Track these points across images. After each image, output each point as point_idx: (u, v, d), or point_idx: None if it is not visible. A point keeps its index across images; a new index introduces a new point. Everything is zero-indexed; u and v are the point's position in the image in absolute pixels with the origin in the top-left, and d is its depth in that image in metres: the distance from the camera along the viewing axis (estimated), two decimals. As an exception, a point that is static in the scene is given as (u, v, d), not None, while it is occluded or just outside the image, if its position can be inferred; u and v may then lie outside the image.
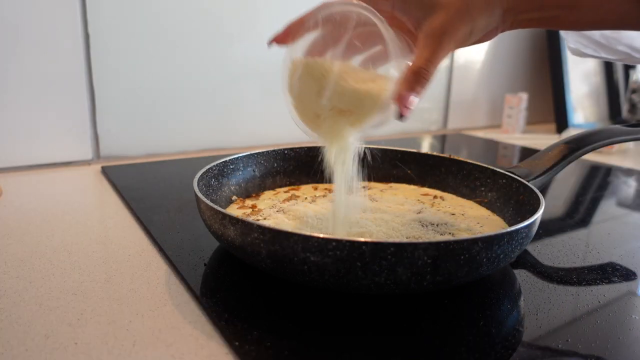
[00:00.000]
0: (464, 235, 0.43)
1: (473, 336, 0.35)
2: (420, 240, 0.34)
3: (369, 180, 0.64)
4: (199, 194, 0.42)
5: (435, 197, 0.59)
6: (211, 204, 0.40)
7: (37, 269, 0.43)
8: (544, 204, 0.44)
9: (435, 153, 0.64)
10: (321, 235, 0.33)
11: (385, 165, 0.65)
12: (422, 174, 0.64)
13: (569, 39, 0.65)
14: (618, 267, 0.48)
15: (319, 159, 0.63)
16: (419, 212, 0.52)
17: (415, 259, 0.33)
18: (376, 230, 0.45)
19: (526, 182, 0.51)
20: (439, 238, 0.45)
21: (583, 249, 0.52)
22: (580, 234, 0.56)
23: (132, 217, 0.57)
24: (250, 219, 0.41)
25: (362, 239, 0.33)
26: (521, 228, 0.37)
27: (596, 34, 0.61)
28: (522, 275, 0.45)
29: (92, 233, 0.52)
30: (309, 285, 0.39)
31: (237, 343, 0.33)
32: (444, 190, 0.61)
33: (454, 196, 0.60)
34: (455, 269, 0.35)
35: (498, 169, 0.56)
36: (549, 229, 0.57)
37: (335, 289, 0.38)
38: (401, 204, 0.55)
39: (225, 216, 0.38)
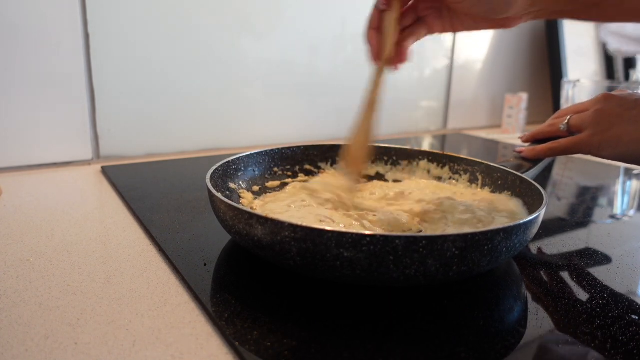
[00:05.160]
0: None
1: (473, 336, 0.35)
2: (449, 233, 0.35)
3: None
4: (218, 194, 0.42)
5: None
6: (235, 204, 0.40)
7: (37, 269, 0.43)
8: (546, 195, 0.46)
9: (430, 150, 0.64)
10: (355, 231, 0.34)
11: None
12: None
13: (609, 40, 0.68)
14: (618, 267, 0.48)
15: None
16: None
17: (445, 251, 0.35)
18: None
19: (522, 175, 0.53)
20: (464, 230, 0.46)
21: (583, 249, 0.52)
22: (580, 234, 0.56)
23: (132, 217, 0.57)
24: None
25: (396, 234, 0.35)
26: (534, 219, 0.40)
27: (634, 32, 0.64)
28: (522, 275, 0.45)
29: (92, 233, 0.52)
30: (338, 282, 0.39)
31: (237, 343, 0.33)
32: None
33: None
34: (479, 259, 0.37)
35: (493, 164, 0.58)
36: (549, 228, 0.57)
37: (363, 284, 0.39)
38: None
39: (253, 216, 0.38)
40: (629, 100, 0.51)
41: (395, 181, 0.65)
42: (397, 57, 0.49)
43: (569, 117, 0.56)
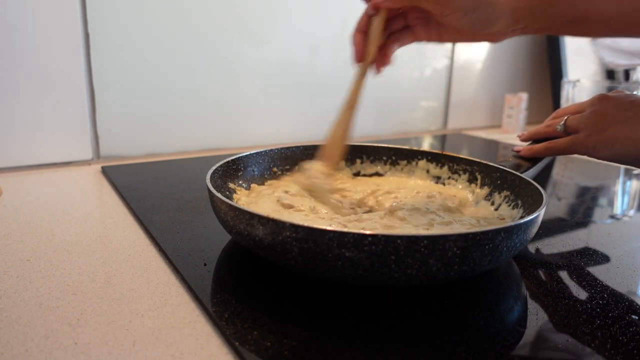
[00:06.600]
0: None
1: (473, 336, 0.35)
2: (451, 232, 0.35)
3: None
4: (218, 195, 0.42)
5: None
6: (236, 204, 0.40)
7: (37, 269, 0.43)
8: (546, 194, 0.46)
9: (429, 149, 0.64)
10: (357, 231, 0.34)
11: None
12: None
13: (603, 54, 0.70)
14: (618, 267, 0.48)
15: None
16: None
17: (446, 251, 0.35)
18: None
19: (521, 175, 0.53)
20: (465, 230, 0.46)
21: (583, 249, 0.52)
22: (580, 234, 0.56)
23: (132, 217, 0.57)
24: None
25: (397, 233, 0.35)
26: (534, 218, 0.40)
27: (629, 46, 0.66)
28: (522, 275, 0.45)
29: (92, 233, 0.52)
30: (339, 282, 0.39)
31: (237, 343, 0.33)
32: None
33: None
34: (480, 258, 0.37)
35: (491, 163, 0.58)
36: (549, 228, 0.57)
37: (364, 284, 0.39)
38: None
39: (254, 216, 0.38)
40: (625, 101, 0.51)
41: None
42: (380, 60, 0.53)
43: (565, 117, 0.57)
